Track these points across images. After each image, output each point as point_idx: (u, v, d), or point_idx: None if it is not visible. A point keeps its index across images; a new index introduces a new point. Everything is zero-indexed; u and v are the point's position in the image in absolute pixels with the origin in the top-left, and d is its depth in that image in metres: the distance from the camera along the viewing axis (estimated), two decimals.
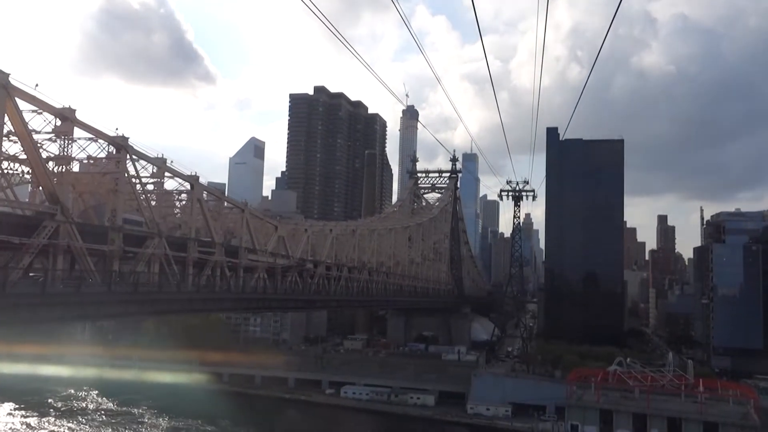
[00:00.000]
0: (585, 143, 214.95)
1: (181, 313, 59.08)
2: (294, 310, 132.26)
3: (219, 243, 52.39)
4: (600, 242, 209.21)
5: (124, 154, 41.67)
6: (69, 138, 38.10)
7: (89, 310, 38.55)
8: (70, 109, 37.82)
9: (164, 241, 44.52)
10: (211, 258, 51.27)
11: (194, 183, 49.24)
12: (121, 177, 41.37)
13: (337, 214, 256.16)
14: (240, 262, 55.67)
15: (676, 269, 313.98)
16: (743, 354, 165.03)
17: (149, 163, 45.31)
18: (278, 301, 65.74)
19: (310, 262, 71.86)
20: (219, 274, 52.31)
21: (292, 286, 65.82)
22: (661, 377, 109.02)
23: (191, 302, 48.40)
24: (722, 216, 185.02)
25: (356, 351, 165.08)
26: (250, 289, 56.89)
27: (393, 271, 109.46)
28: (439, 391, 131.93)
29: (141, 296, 40.73)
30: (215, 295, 50.63)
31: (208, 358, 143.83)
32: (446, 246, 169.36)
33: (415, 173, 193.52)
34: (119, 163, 41.56)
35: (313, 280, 71.78)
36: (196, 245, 48.95)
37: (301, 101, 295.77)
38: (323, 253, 76.53)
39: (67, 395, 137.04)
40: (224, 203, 54.64)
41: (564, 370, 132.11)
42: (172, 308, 47.77)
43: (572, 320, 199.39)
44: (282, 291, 62.54)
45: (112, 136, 41.32)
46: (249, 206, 60.24)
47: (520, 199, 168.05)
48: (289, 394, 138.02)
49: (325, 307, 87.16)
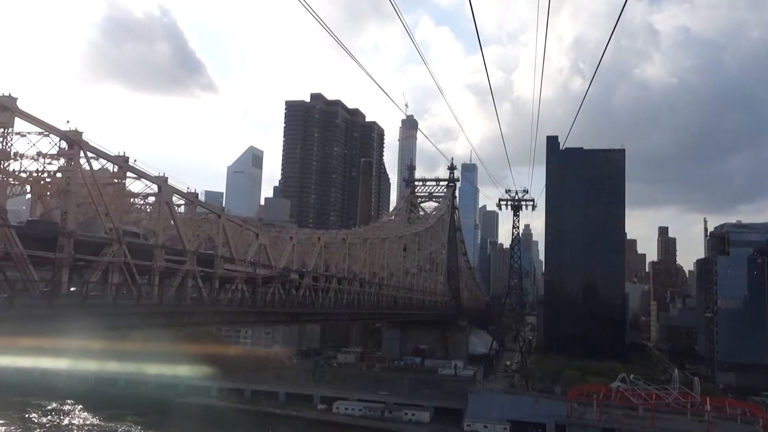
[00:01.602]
0: (586, 152, 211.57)
1: (141, 328, 54.22)
2: (276, 324, 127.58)
3: (190, 251, 47.93)
4: (601, 254, 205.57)
5: (77, 150, 37.47)
6: (8, 131, 33.83)
7: (29, 326, 33.96)
8: (10, 97, 33.62)
9: (124, 249, 40.14)
10: (182, 267, 46.84)
11: (162, 185, 44.91)
12: (73, 176, 37.10)
13: (333, 224, 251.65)
14: (215, 271, 51.25)
15: (678, 282, 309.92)
16: (748, 369, 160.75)
17: (110, 162, 41.06)
18: (257, 315, 61.20)
19: (296, 272, 67.36)
20: (191, 285, 47.85)
21: (274, 298, 61.32)
22: (666, 395, 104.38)
23: (154, 316, 43.88)
24: (726, 227, 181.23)
25: (350, 364, 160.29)
26: (226, 301, 52.29)
27: (386, 283, 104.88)
28: (434, 408, 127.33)
29: (88, 309, 36.24)
30: (183, 308, 46.09)
31: (196, 371, 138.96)
32: (443, 256, 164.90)
33: (411, 181, 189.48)
34: (72, 161, 37.35)
35: (299, 291, 67.29)
36: (163, 253, 44.51)
37: (297, 108, 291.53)
38: (310, 263, 72.06)
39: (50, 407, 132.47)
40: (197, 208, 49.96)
41: (564, 385, 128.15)
42: (131, 323, 43.24)
43: (572, 333, 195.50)
44: (261, 303, 58.03)
45: (64, 130, 37.12)
46: (227, 212, 55.86)
47: (520, 209, 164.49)
48: (279, 409, 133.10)
49: (312, 320, 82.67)
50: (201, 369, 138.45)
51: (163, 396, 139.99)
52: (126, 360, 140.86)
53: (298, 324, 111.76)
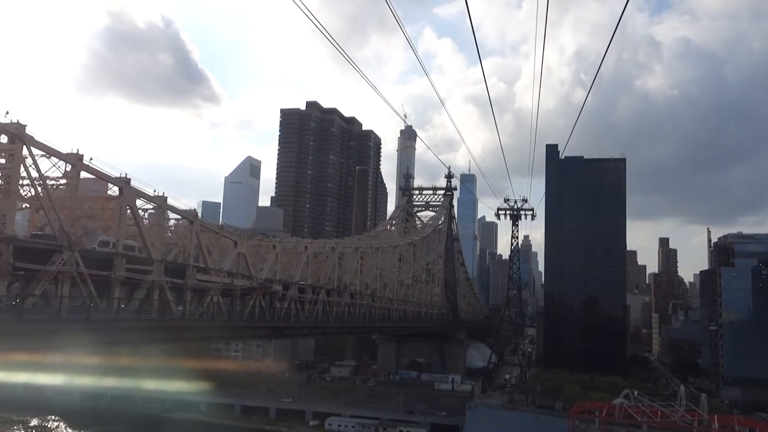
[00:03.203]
0: (586, 162, 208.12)
1: (90, 347, 49.50)
2: (255, 339, 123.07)
3: (157, 260, 43.62)
4: (601, 264, 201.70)
5: (20, 146, 33.38)
6: None
7: None
8: None
9: (77, 256, 35.90)
10: (146, 278, 42.53)
11: (124, 186, 40.68)
12: (14, 174, 32.97)
13: (329, 234, 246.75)
14: (186, 282, 46.92)
15: (679, 293, 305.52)
16: (754, 384, 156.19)
17: (61, 161, 36.89)
18: (233, 329, 56.80)
19: (279, 283, 62.93)
20: (158, 297, 43.52)
21: (254, 312, 56.89)
22: (672, 412, 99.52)
23: (112, 332, 39.37)
24: (730, 238, 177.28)
25: (344, 378, 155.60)
26: (198, 314, 47.75)
27: (379, 294, 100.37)
28: (431, 424, 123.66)
29: (25, 327, 31.86)
30: (142, 323, 41.57)
31: (184, 386, 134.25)
32: (440, 267, 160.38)
33: (408, 190, 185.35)
34: (13, 157, 33.21)
35: (282, 304, 62.86)
36: (124, 261, 40.21)
37: (292, 116, 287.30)
38: (296, 273, 67.68)
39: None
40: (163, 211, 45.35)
41: (565, 401, 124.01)
42: (79, 341, 38.80)
43: (572, 346, 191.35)
44: (237, 317, 53.56)
45: (4, 123, 33.04)
46: (201, 218, 51.58)
47: (519, 219, 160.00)
48: (270, 426, 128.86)
49: (296, 335, 78.19)
50: (189, 383, 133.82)
51: (150, 412, 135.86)
52: (112, 374, 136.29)
53: (281, 338, 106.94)
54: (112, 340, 42.40)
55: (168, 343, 58.25)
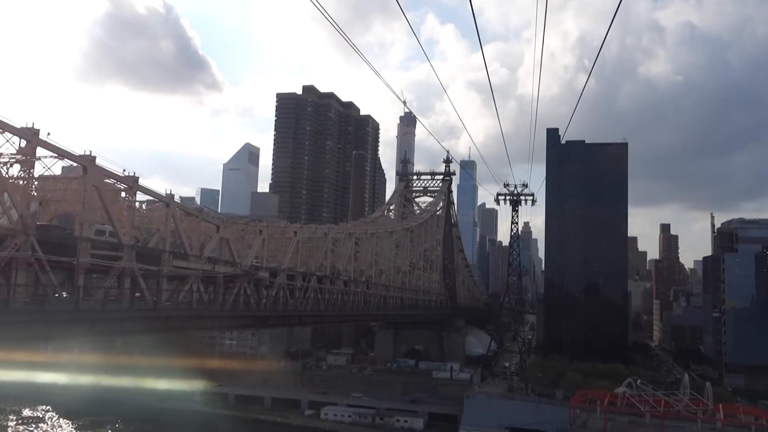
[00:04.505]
0: (587, 146, 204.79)
1: (49, 339, 46.20)
2: (239, 329, 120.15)
3: (128, 245, 40.35)
4: (602, 250, 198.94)
5: None
6: None
7: None
8: None
9: (33, 242, 32.70)
10: (116, 264, 39.31)
11: (88, 165, 37.33)
12: None
13: (326, 220, 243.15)
14: (161, 269, 43.71)
15: (680, 280, 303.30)
16: (758, 371, 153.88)
17: (15, 136, 33.52)
18: (213, 320, 53.63)
19: (266, 270, 59.71)
20: (127, 287, 40.31)
21: (239, 300, 53.70)
22: (676, 401, 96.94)
23: (69, 323, 36.18)
24: (734, 224, 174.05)
25: (340, 367, 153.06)
26: (174, 303, 44.48)
27: (375, 282, 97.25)
28: (428, 413, 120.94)
29: None
30: (107, 314, 38.28)
31: (177, 375, 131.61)
32: (438, 253, 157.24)
33: (406, 175, 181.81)
34: None
35: (270, 291, 59.67)
36: (89, 247, 36.96)
37: (288, 101, 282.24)
38: (285, 260, 64.43)
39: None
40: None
41: (566, 389, 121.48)
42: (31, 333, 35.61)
43: (573, 333, 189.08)
44: (218, 306, 50.33)
45: None
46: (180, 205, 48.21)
47: (519, 204, 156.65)
48: (264, 415, 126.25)
49: (283, 324, 75.13)
50: (183, 373, 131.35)
51: (143, 402, 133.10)
52: (103, 365, 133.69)
53: (267, 328, 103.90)
54: (69, 333, 39.21)
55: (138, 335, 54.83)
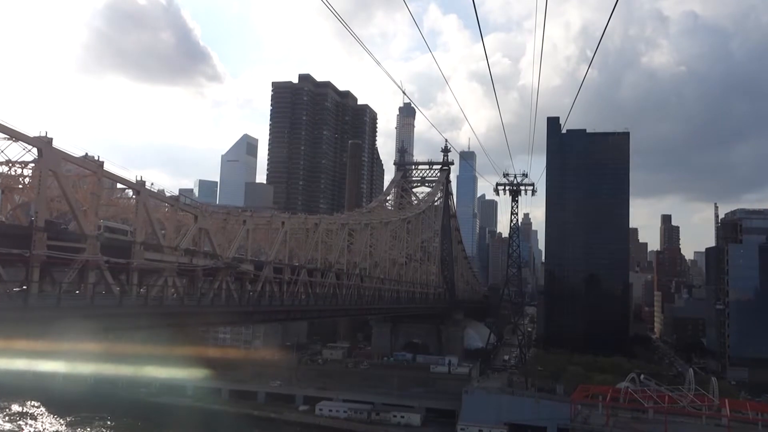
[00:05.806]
0: (588, 135, 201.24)
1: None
2: (219, 326, 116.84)
3: (91, 235, 37.01)
4: (603, 241, 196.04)
5: None
6: None
7: None
8: None
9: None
10: (79, 257, 36.01)
11: (44, 147, 33.91)
12: None
13: (323, 211, 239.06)
14: (131, 262, 40.41)
15: (682, 271, 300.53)
16: (762, 365, 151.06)
17: None
18: (190, 316, 50.25)
19: (251, 262, 56.36)
20: (93, 282, 36.98)
21: (222, 294, 50.38)
22: (681, 397, 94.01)
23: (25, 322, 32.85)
24: (738, 214, 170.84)
25: (336, 361, 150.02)
26: (142, 299, 41.03)
27: (369, 274, 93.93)
28: (426, 409, 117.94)
29: None
30: (63, 312, 34.92)
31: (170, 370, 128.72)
32: (436, 245, 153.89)
33: (403, 165, 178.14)
34: None
35: (255, 285, 56.36)
36: (45, 237, 33.66)
37: (284, 90, 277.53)
38: (272, 252, 61.07)
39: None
40: None
41: (566, 384, 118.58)
42: None
43: (573, 325, 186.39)
44: (196, 301, 47.02)
45: None
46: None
47: (518, 194, 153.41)
48: (258, 411, 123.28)
49: (270, 319, 71.95)
50: (176, 367, 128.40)
51: (135, 396, 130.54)
52: (95, 358, 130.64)
53: (251, 324, 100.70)
54: (23, 330, 35.83)
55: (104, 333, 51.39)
